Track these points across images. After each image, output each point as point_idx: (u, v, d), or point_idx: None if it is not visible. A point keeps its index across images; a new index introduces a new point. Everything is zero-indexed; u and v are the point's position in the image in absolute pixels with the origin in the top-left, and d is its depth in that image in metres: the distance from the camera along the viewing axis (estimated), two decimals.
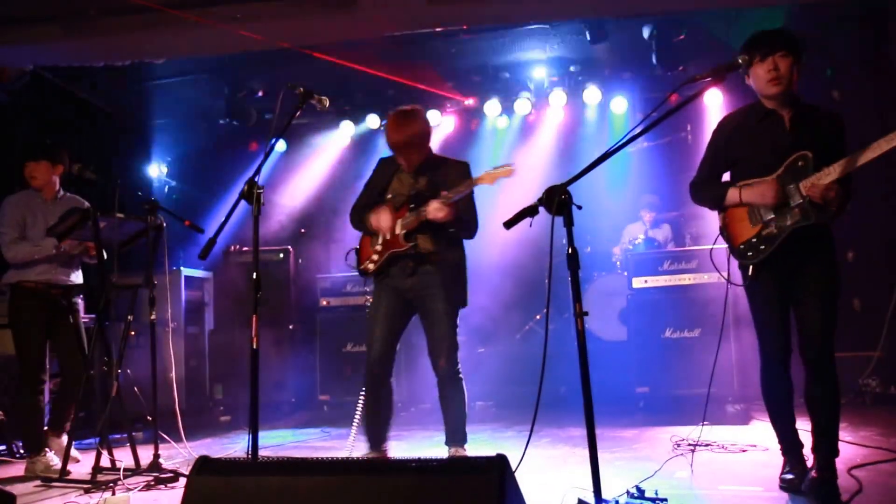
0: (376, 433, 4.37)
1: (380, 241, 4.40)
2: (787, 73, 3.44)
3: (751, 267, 3.58)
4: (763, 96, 3.57)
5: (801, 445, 3.68)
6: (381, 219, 4.34)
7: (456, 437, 4.35)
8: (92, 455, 4.57)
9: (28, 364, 5.04)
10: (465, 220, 4.31)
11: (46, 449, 4.94)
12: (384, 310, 4.35)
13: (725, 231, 3.71)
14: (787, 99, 3.53)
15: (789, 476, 3.61)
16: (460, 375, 4.35)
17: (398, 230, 4.31)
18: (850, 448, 4.43)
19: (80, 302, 5.39)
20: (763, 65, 3.45)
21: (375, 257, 4.40)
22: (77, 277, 5.28)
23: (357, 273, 4.57)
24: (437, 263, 4.30)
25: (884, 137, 3.18)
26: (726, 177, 3.79)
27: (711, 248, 4.03)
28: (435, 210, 4.12)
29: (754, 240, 3.54)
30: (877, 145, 3.20)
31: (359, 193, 4.66)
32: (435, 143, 8.26)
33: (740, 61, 3.26)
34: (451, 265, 4.35)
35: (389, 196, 4.44)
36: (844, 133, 3.51)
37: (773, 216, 3.47)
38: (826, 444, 3.48)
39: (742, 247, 3.59)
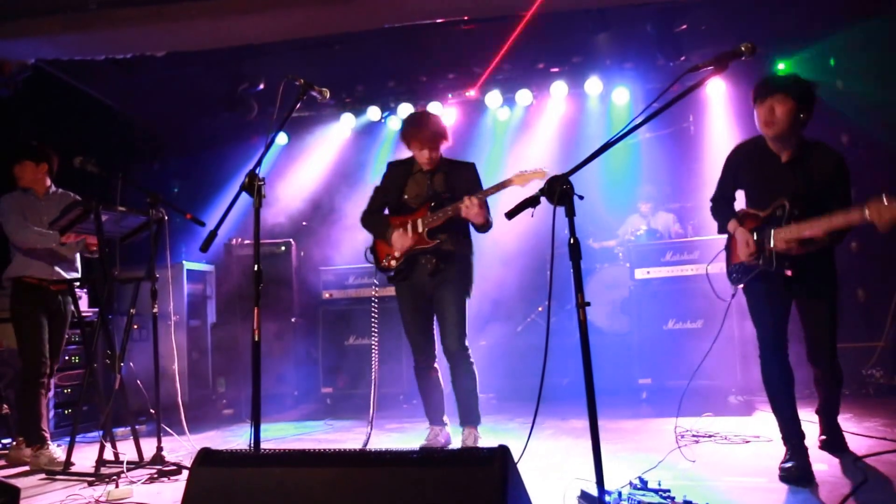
0: (432, 412, 4.77)
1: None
2: (783, 117, 3.59)
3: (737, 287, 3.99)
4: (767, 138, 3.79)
5: (802, 435, 3.72)
6: (398, 240, 4.59)
7: (470, 417, 4.61)
8: (95, 448, 4.58)
9: (30, 358, 5.07)
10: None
11: (49, 442, 4.95)
12: (411, 310, 4.69)
13: (728, 248, 4.06)
14: (785, 140, 3.70)
15: (788, 465, 3.63)
16: (471, 360, 4.63)
17: (420, 228, 4.54)
18: (855, 439, 4.42)
19: (83, 295, 5.39)
20: (762, 107, 3.64)
21: (397, 254, 4.63)
22: (75, 272, 5.29)
23: (375, 268, 4.84)
24: (455, 260, 4.58)
25: (833, 214, 3.47)
26: (740, 195, 4.08)
27: (707, 266, 4.61)
28: (468, 207, 4.34)
29: (740, 266, 3.90)
30: (823, 221, 3.49)
31: (369, 198, 4.85)
32: None
33: (743, 49, 3.23)
34: (465, 260, 4.64)
35: (407, 197, 4.67)
36: (846, 175, 3.71)
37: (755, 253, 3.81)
38: (831, 409, 4.10)
39: (733, 267, 3.97)
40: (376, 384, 5.30)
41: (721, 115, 7.80)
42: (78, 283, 5.31)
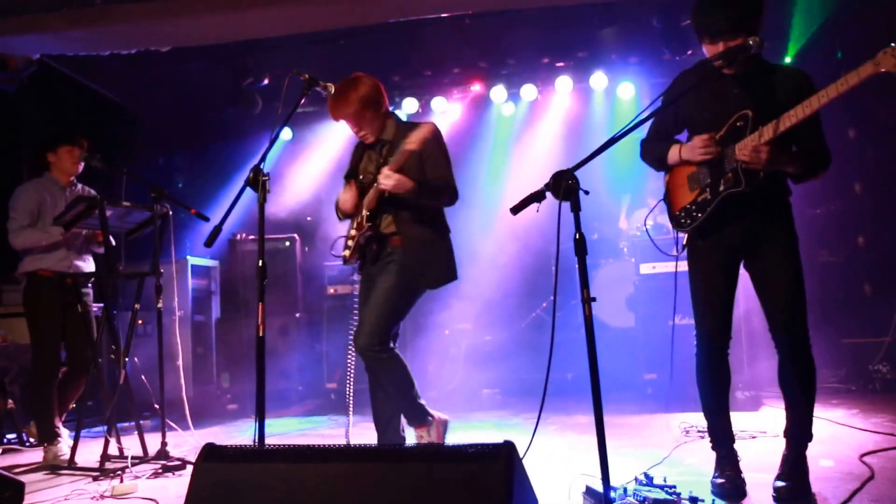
0: (379, 427, 4.07)
1: (354, 225, 4.05)
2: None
3: (686, 236, 3.44)
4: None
5: (733, 439, 3.49)
6: (341, 197, 3.99)
7: (409, 417, 4.00)
8: (100, 443, 4.58)
9: (44, 354, 5.00)
10: (429, 188, 3.80)
11: (59, 438, 4.93)
12: (362, 302, 4.02)
13: (667, 198, 3.55)
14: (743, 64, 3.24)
15: (720, 480, 3.39)
16: (384, 355, 3.83)
17: (364, 211, 3.92)
18: (862, 435, 4.41)
19: (90, 291, 5.35)
20: (712, 47, 3.21)
21: (350, 243, 4.04)
22: (89, 265, 5.26)
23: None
24: (402, 246, 3.88)
25: (815, 94, 2.97)
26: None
27: (646, 217, 3.91)
28: (384, 179, 3.69)
29: (691, 206, 3.36)
30: (808, 103, 2.98)
31: None
32: (440, 130, 8.05)
33: (751, 43, 3.18)
34: (419, 244, 3.90)
35: (361, 178, 4.03)
36: (812, 89, 3.07)
37: (709, 181, 3.27)
38: (799, 430, 3.29)
39: (679, 213, 3.43)
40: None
41: None
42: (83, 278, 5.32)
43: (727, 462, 3.44)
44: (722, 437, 3.48)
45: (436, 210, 3.97)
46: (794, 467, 3.27)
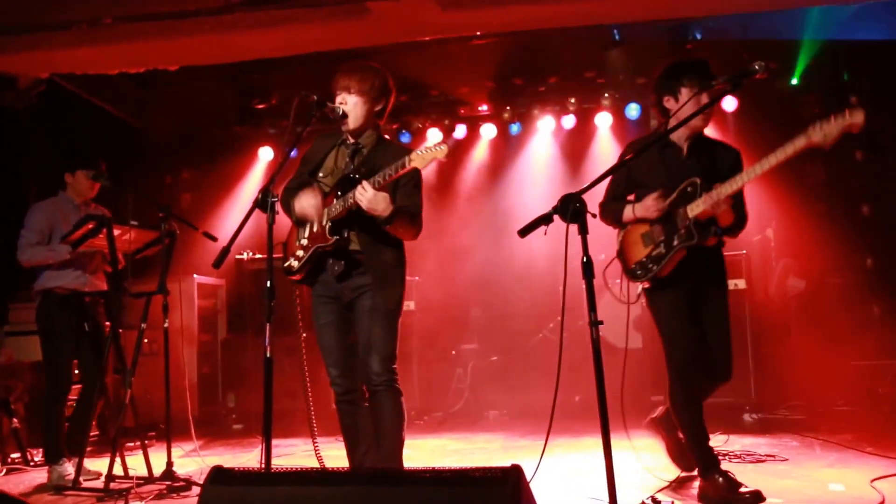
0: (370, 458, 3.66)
1: (306, 233, 3.68)
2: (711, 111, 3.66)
3: (640, 286, 3.85)
4: (687, 127, 3.54)
5: (708, 438, 3.85)
6: (305, 201, 3.59)
7: (389, 462, 3.51)
8: (105, 463, 4.56)
9: (56, 374, 4.95)
10: (403, 214, 3.48)
11: (64, 458, 4.90)
12: (326, 326, 3.75)
13: (622, 254, 3.89)
14: (696, 131, 3.72)
15: (745, 490, 3.60)
16: (397, 386, 3.56)
17: (325, 221, 3.56)
18: (872, 459, 4.37)
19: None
20: (700, 98, 3.53)
21: (301, 253, 3.67)
22: (104, 284, 5.21)
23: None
24: (366, 264, 3.56)
25: (758, 162, 3.42)
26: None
27: (606, 267, 3.98)
28: (361, 194, 3.34)
29: (646, 259, 3.74)
30: (751, 169, 3.45)
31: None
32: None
33: (756, 68, 3.20)
34: (383, 266, 3.58)
35: (321, 175, 3.71)
36: (742, 164, 3.72)
37: (663, 238, 3.67)
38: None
39: (634, 266, 3.80)
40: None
41: (733, 131, 7.77)
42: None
43: (727, 479, 3.66)
44: (713, 459, 3.76)
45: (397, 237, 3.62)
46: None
